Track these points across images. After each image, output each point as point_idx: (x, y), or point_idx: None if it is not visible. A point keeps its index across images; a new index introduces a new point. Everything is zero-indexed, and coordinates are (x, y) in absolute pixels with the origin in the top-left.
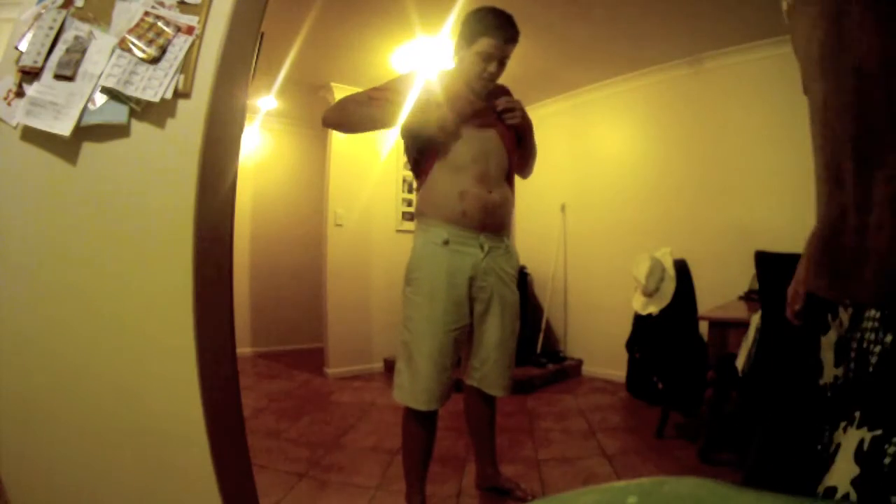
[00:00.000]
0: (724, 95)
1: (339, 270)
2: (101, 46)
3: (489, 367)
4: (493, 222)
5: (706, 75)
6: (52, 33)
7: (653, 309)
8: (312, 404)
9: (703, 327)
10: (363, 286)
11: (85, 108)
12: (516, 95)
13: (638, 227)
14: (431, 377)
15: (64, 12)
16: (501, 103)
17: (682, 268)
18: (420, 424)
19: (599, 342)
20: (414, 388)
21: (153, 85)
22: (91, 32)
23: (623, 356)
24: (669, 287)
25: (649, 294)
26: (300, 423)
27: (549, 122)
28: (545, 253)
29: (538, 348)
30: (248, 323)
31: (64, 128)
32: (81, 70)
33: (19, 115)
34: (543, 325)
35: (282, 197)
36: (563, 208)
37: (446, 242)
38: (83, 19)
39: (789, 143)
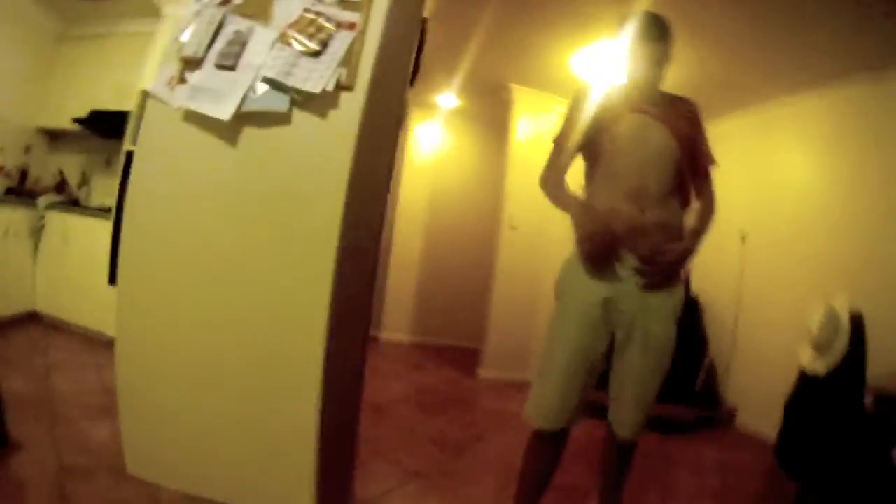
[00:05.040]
0: None
1: (508, 273)
2: (261, 40)
3: (621, 403)
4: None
5: None
6: (213, 28)
7: (820, 367)
8: (455, 404)
9: None
10: (531, 292)
11: (246, 96)
12: None
13: (821, 264)
14: (557, 393)
15: (223, 9)
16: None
17: (857, 322)
18: (542, 445)
19: (761, 391)
20: (540, 403)
21: (314, 77)
22: (251, 27)
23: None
24: (841, 343)
25: (819, 348)
26: (437, 421)
27: (727, 143)
28: (720, 284)
29: (696, 386)
30: (411, 311)
31: (224, 112)
32: (243, 61)
33: (182, 99)
34: (706, 363)
35: (459, 194)
36: (743, 238)
37: None
38: (243, 15)
39: None
